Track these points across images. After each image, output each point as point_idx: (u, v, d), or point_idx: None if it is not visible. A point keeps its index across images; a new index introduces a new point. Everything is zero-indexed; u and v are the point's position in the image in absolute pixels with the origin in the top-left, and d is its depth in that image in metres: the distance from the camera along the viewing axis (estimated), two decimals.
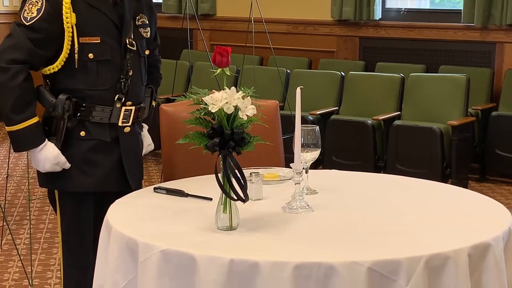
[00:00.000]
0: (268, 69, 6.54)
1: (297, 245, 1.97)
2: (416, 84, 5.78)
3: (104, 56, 2.55)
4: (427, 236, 2.03)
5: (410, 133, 5.46)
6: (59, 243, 2.69)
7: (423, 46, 6.46)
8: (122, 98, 2.59)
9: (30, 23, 2.48)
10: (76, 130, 2.56)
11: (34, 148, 2.52)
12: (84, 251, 2.62)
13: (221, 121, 2.00)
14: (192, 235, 2.03)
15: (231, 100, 1.98)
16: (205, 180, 2.50)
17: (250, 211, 2.19)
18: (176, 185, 2.49)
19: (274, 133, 2.97)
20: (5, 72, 2.45)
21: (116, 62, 2.58)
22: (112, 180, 2.62)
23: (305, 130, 2.31)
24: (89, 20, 2.54)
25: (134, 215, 2.24)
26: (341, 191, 2.50)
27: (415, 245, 1.95)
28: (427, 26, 6.43)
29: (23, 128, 2.49)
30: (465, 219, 2.19)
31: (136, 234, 2.02)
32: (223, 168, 2.03)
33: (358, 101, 5.97)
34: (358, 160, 5.63)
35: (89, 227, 2.62)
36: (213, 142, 2.00)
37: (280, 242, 1.99)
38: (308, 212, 2.22)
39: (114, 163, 2.62)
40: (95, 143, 2.58)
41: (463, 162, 5.48)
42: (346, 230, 2.09)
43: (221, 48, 2.05)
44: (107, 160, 2.60)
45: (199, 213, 2.23)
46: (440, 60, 6.31)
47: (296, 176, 2.22)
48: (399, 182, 2.65)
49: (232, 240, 2.00)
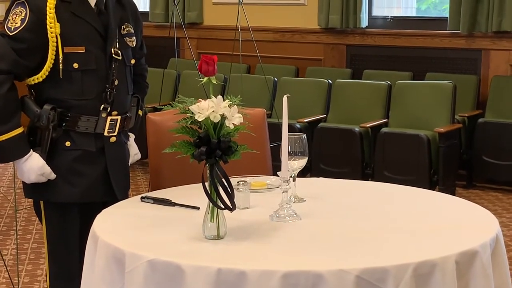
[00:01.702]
0: (255, 77, 6.54)
1: (284, 253, 1.97)
2: (403, 91, 5.80)
3: (89, 66, 2.54)
4: (415, 244, 2.03)
5: (398, 140, 5.48)
6: (45, 253, 2.67)
7: (409, 54, 6.48)
8: (107, 108, 2.58)
9: (14, 33, 2.47)
10: (61, 140, 2.54)
11: (19, 159, 2.51)
12: (70, 262, 2.61)
13: (208, 130, 2.00)
14: (179, 245, 2.03)
15: (217, 108, 1.98)
16: (192, 189, 2.50)
17: (237, 220, 2.19)
18: (163, 194, 2.49)
19: (261, 142, 2.96)
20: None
21: (101, 71, 2.57)
22: (98, 191, 2.61)
23: (292, 138, 2.31)
24: (74, 30, 2.53)
25: (121, 224, 2.24)
26: (329, 199, 2.50)
27: (402, 252, 1.95)
28: (414, 34, 6.46)
29: (8, 139, 2.47)
30: (453, 226, 2.19)
31: (122, 244, 2.01)
32: (210, 177, 2.03)
33: (346, 109, 5.98)
34: (345, 167, 5.64)
35: (75, 238, 2.61)
36: (200, 151, 2.00)
37: (267, 250, 1.99)
38: (295, 220, 2.22)
39: (100, 173, 2.61)
40: (80, 153, 2.57)
41: (450, 168, 5.50)
42: (334, 238, 2.09)
43: (207, 57, 2.05)
44: (92, 170, 2.59)
45: (186, 222, 2.23)
46: (427, 67, 6.34)
47: (283, 184, 2.22)
48: (387, 190, 2.65)
49: (220, 249, 2.00)
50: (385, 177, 5.36)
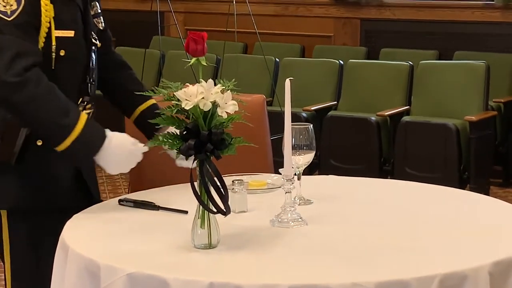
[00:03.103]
0: (253, 58, 6.55)
1: (288, 265, 1.97)
2: (427, 74, 5.80)
3: (75, 53, 2.54)
4: (441, 252, 2.04)
5: (421, 130, 5.48)
6: (6, 273, 2.66)
7: (434, 29, 6.48)
8: (86, 101, 2.58)
9: (13, 18, 2.43)
10: (32, 138, 2.55)
11: (105, 143, 2.42)
12: (38, 282, 2.59)
13: (197, 120, 2.00)
14: (164, 255, 2.03)
15: (208, 95, 1.98)
16: (179, 190, 2.50)
17: (232, 225, 2.19)
18: (145, 196, 2.49)
19: (260, 134, 2.98)
20: (24, 85, 2.39)
21: (82, 60, 2.58)
22: (72, 194, 2.61)
23: (297, 129, 2.31)
24: (64, 10, 2.51)
25: (95, 232, 2.24)
26: (341, 201, 2.50)
27: (427, 263, 1.96)
28: (440, 5, 6.46)
29: (84, 126, 2.41)
30: (486, 231, 2.19)
31: (97, 255, 2.01)
32: (200, 175, 2.03)
33: (360, 95, 5.99)
34: (360, 163, 5.65)
35: (45, 253, 2.59)
36: (188, 145, 2.00)
37: (268, 262, 1.99)
38: (301, 225, 2.22)
39: (73, 174, 2.62)
40: (52, 152, 2.57)
41: (484, 164, 5.50)
42: (346, 247, 2.09)
43: (195, 34, 2.05)
44: (64, 171, 2.60)
45: (172, 229, 2.23)
46: (455, 45, 6.34)
47: (286, 183, 2.22)
48: (409, 189, 2.65)
49: (212, 260, 2.00)
50: (406, 174, 5.37)
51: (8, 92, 2.37)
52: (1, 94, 2.39)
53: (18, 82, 2.37)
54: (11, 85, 2.36)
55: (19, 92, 2.37)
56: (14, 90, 2.37)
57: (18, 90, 2.37)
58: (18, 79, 2.38)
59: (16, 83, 2.37)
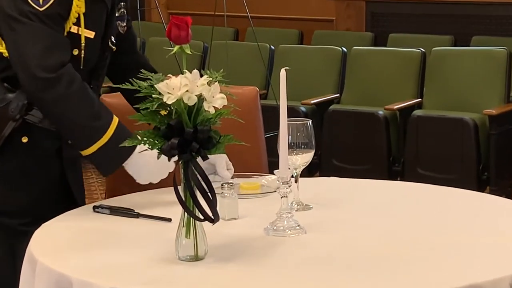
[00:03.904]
0: (245, 45, 6.56)
1: (284, 278, 1.96)
2: (442, 62, 5.81)
3: (89, 54, 2.58)
4: (458, 264, 2.04)
5: (435, 126, 5.49)
6: None
7: (450, 11, 6.49)
8: None
9: (45, 8, 2.46)
10: (17, 134, 2.56)
11: (134, 150, 2.46)
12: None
13: (180, 115, 2.00)
14: (145, 269, 2.03)
15: (193, 87, 1.98)
16: (162, 195, 2.51)
17: (222, 235, 2.19)
18: (123, 202, 2.50)
19: (252, 131, 2.98)
20: (59, 81, 2.44)
21: (91, 63, 2.62)
22: (54, 198, 2.64)
23: (294, 126, 2.32)
24: (93, 9, 2.56)
25: (67, 243, 2.23)
26: (344, 206, 2.50)
27: (441, 275, 1.96)
28: None
29: (116, 129, 2.47)
30: (507, 239, 2.20)
31: (69, 270, 2.00)
32: (185, 178, 2.03)
33: (366, 86, 6.00)
34: (366, 163, 5.66)
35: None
36: (170, 144, 2.00)
37: (261, 276, 1.99)
38: (299, 234, 2.22)
39: (55, 176, 2.65)
40: (36, 152, 2.60)
41: (505, 163, 5.52)
42: (350, 258, 2.09)
43: (178, 19, 2.05)
44: (47, 173, 2.63)
45: (153, 239, 2.23)
46: (473, 30, 6.36)
47: (282, 187, 2.22)
48: (421, 192, 2.66)
49: (198, 274, 2.00)
50: (419, 175, 5.38)
51: (38, 88, 2.43)
52: (31, 89, 2.44)
53: (51, 79, 2.42)
54: (42, 81, 2.42)
55: (49, 90, 2.42)
56: (45, 87, 2.42)
57: (49, 87, 2.42)
58: (51, 76, 2.42)
59: (48, 79, 2.42)
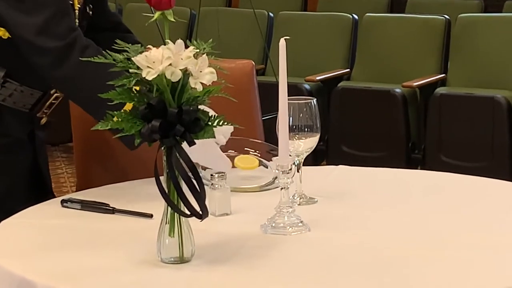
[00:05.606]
0: (239, 12, 6.56)
1: (283, 283, 1.97)
2: (469, 31, 5.82)
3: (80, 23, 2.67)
4: (484, 266, 2.04)
5: (461, 106, 5.50)
6: None
7: None
8: None
9: None
10: None
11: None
12: None
13: (163, 94, 2.00)
14: (121, 273, 2.03)
15: (177, 60, 1.98)
16: (141, 187, 2.52)
17: (211, 233, 2.20)
18: (96, 196, 2.50)
19: (248, 111, 3.00)
20: (73, 46, 2.51)
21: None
22: (25, 190, 2.70)
23: (296, 106, 2.32)
24: None
25: (31, 243, 2.24)
26: (354, 199, 2.51)
27: (462, 280, 1.96)
28: None
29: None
30: None
31: (33, 273, 2.01)
32: (168, 167, 2.03)
33: (380, 60, 6.01)
34: (381, 150, 5.67)
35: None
36: (151, 127, 2.00)
37: (257, 280, 2.00)
38: (301, 232, 2.23)
39: (27, 165, 2.71)
40: (6, 139, 2.66)
41: None
42: (360, 259, 2.10)
43: None
44: (18, 162, 2.68)
45: (132, 238, 2.24)
46: None
47: (282, 177, 2.22)
48: (444, 182, 2.67)
49: (184, 278, 2.00)
50: (442, 163, 5.40)
51: (53, 61, 2.51)
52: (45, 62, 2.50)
53: (62, 47, 2.49)
54: (56, 52, 2.50)
55: (64, 60, 2.50)
56: (59, 57, 2.50)
57: (64, 57, 2.50)
58: (61, 43, 2.50)
59: (59, 48, 2.49)
